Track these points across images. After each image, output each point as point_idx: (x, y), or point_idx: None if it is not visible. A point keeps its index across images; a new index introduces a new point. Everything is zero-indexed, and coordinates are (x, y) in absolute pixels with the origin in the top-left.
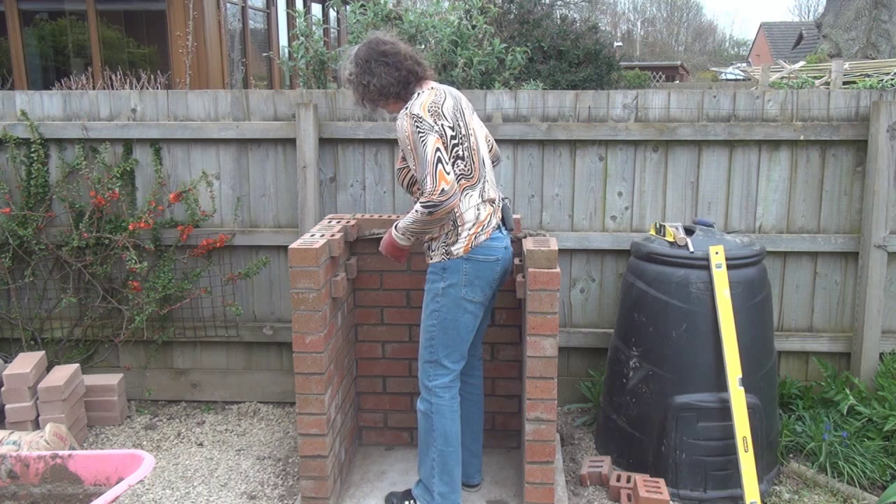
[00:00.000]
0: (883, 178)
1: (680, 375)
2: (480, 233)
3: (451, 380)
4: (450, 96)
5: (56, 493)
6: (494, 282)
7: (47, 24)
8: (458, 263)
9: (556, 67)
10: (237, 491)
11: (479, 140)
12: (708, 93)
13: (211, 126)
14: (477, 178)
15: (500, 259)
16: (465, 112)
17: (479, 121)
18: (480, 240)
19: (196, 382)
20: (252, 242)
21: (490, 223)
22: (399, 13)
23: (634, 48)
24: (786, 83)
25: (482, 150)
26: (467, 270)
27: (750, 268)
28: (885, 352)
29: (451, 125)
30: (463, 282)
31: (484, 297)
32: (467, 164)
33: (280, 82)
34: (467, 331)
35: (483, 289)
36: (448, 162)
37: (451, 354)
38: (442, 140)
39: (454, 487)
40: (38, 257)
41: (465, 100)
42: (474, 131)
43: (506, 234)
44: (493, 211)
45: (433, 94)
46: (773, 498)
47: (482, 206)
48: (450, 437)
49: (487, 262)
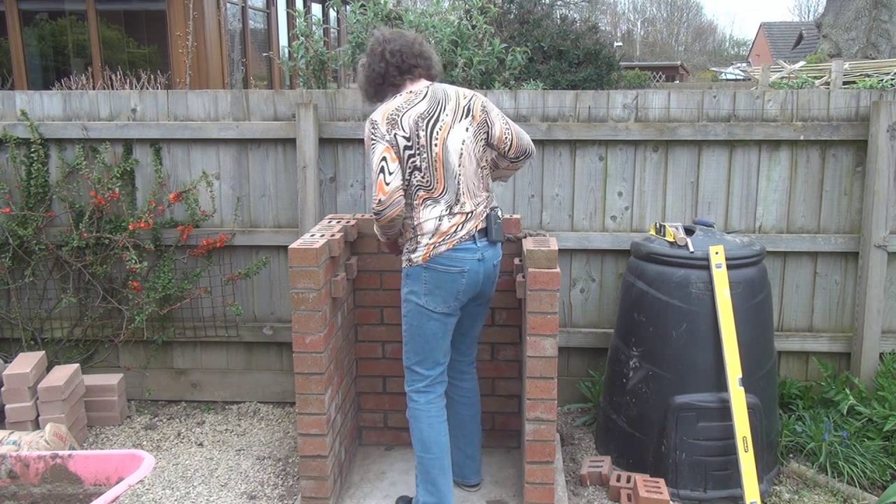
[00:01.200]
0: (883, 178)
1: (680, 375)
2: (441, 243)
3: (425, 385)
4: (425, 103)
5: (56, 493)
6: (461, 293)
7: (47, 24)
8: (419, 271)
9: (556, 67)
10: (237, 491)
11: (448, 151)
12: (708, 93)
13: (211, 126)
14: (441, 190)
15: (465, 271)
16: (437, 120)
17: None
18: (440, 250)
19: (196, 382)
20: (252, 242)
21: (456, 234)
22: (399, 13)
23: (634, 48)
24: (786, 83)
25: (452, 161)
26: (427, 279)
27: (750, 268)
28: (885, 352)
29: (407, 135)
30: (423, 290)
31: (448, 307)
32: (425, 176)
33: (280, 82)
34: (435, 338)
35: (446, 299)
36: (391, 172)
37: (422, 361)
38: (393, 149)
39: (439, 498)
40: (38, 257)
41: (455, 103)
42: (442, 142)
43: (483, 244)
44: (461, 222)
45: (402, 100)
46: (773, 498)
47: (446, 218)
48: (427, 444)
49: (449, 273)
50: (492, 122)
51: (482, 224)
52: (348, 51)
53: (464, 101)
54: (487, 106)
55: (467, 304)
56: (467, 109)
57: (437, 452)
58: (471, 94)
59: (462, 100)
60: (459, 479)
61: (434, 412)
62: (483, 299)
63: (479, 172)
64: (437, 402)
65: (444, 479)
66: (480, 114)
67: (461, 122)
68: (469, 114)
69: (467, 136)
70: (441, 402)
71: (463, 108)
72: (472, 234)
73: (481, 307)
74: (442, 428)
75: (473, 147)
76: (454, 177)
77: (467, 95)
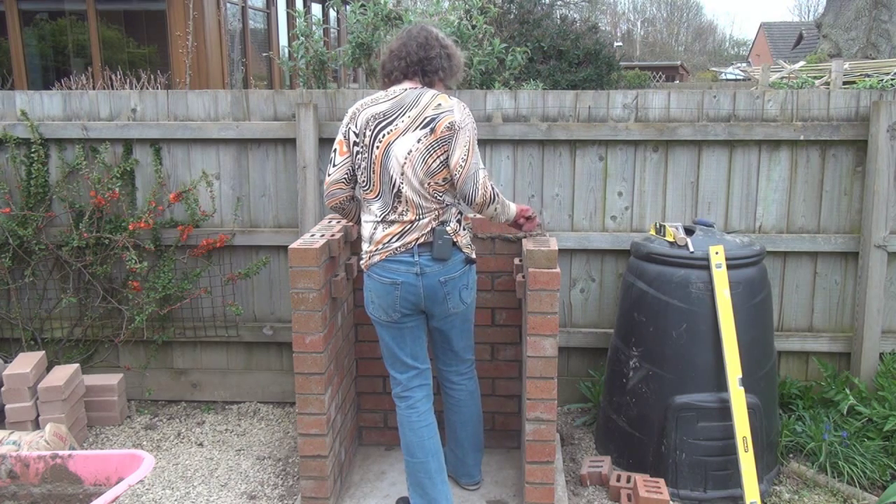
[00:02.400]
0: (883, 178)
1: (680, 375)
2: (376, 252)
3: (401, 390)
4: (387, 104)
5: (56, 493)
6: (398, 304)
7: (47, 24)
8: (365, 278)
9: (556, 67)
10: (237, 491)
11: (388, 157)
12: (708, 93)
13: (211, 126)
14: (376, 194)
15: (398, 283)
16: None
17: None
18: (375, 260)
19: (196, 382)
20: (252, 242)
21: (390, 244)
22: (399, 13)
23: (634, 48)
24: (786, 83)
25: (391, 167)
26: (369, 286)
27: (750, 268)
28: (885, 352)
29: (357, 132)
30: (368, 298)
31: (388, 317)
32: (364, 176)
33: (280, 82)
34: (394, 343)
35: (385, 309)
36: (335, 165)
37: (393, 364)
38: (345, 141)
39: (429, 500)
40: (38, 257)
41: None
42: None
43: (426, 259)
44: (398, 232)
45: (373, 97)
46: (773, 498)
47: (380, 226)
48: (410, 448)
49: (383, 285)
50: (452, 147)
51: (426, 238)
52: (348, 51)
53: (430, 113)
54: (461, 129)
55: (431, 320)
56: (429, 121)
57: (421, 457)
58: (448, 109)
59: (429, 111)
60: (455, 478)
61: (415, 417)
62: (442, 317)
63: (429, 186)
64: (417, 406)
65: (430, 483)
66: (445, 131)
67: (415, 131)
68: (428, 126)
69: (416, 147)
70: (422, 406)
71: (425, 118)
72: (410, 247)
73: (446, 325)
74: (425, 432)
75: (422, 159)
76: (391, 183)
77: (442, 110)
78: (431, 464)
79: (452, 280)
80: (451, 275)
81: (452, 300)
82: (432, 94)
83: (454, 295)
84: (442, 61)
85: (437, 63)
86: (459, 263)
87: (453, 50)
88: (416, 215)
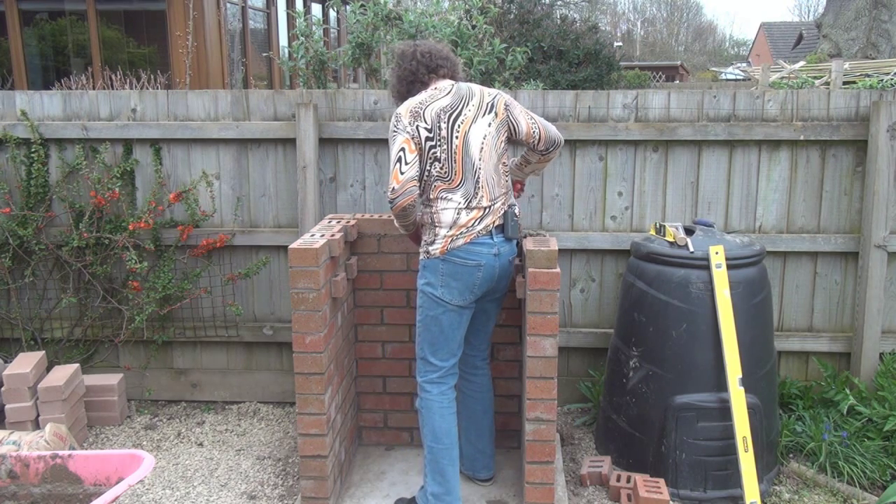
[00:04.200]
0: (883, 178)
1: (680, 375)
2: (459, 236)
3: (439, 376)
4: (448, 98)
5: (56, 493)
6: (476, 286)
7: (47, 24)
8: (436, 263)
9: (556, 67)
10: (237, 491)
11: (469, 144)
12: (708, 93)
13: (211, 126)
14: (458, 182)
15: (482, 265)
16: (460, 114)
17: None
18: (458, 243)
19: (196, 382)
20: (252, 242)
21: (474, 228)
22: (399, 13)
23: (634, 48)
24: (786, 83)
25: (472, 154)
26: (444, 271)
27: (750, 268)
28: (885, 352)
29: (429, 127)
30: (440, 282)
31: (463, 300)
32: (444, 167)
33: (280, 82)
34: (451, 329)
35: (462, 292)
36: (408, 163)
37: (437, 352)
38: (414, 140)
39: (448, 489)
40: (38, 257)
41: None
42: (464, 135)
43: (500, 240)
44: (480, 216)
45: (427, 95)
46: (773, 498)
47: (464, 211)
48: (438, 434)
49: (466, 267)
50: (516, 119)
51: (500, 220)
52: (348, 51)
53: (488, 98)
54: (511, 104)
55: (481, 300)
56: (490, 106)
57: (448, 443)
58: (496, 92)
59: (486, 97)
60: (471, 472)
61: (446, 403)
62: (497, 295)
63: (499, 169)
64: (448, 393)
65: (452, 470)
66: (503, 111)
67: (484, 117)
68: (492, 110)
69: (489, 132)
70: (452, 394)
71: (487, 104)
72: (489, 229)
73: (495, 303)
74: (452, 419)
75: (494, 143)
76: (473, 170)
77: (492, 94)
78: (454, 451)
79: (514, 259)
80: (514, 254)
81: (510, 279)
82: (476, 85)
83: (511, 273)
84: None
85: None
86: (516, 245)
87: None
88: (491, 200)
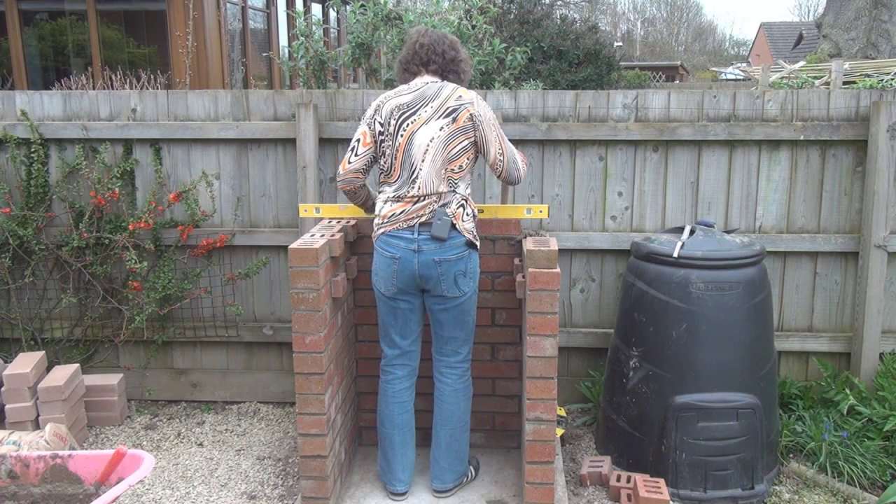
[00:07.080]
0: (883, 178)
1: (680, 375)
2: (381, 225)
3: (386, 362)
4: (410, 96)
5: (56, 493)
6: (395, 279)
7: (47, 24)
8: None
9: (556, 67)
10: (237, 491)
11: (412, 144)
12: (708, 93)
13: (211, 126)
14: (396, 177)
15: (397, 258)
16: (414, 114)
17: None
18: (379, 232)
19: (196, 382)
20: (252, 242)
21: (394, 219)
22: (399, 13)
23: (634, 48)
24: (786, 83)
25: (413, 154)
26: (374, 259)
27: (750, 268)
28: (885, 352)
29: (383, 122)
30: (374, 269)
31: (387, 290)
32: (387, 162)
33: (280, 82)
34: (386, 316)
35: (385, 281)
36: (357, 154)
37: (383, 337)
38: (370, 132)
39: (389, 469)
40: (38, 257)
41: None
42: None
43: (424, 238)
44: (402, 208)
45: (399, 88)
46: (773, 498)
47: (390, 202)
48: (381, 418)
49: (383, 257)
50: (485, 139)
51: (428, 217)
52: (348, 51)
53: (453, 104)
54: (482, 120)
55: (426, 300)
56: (450, 111)
57: (388, 428)
58: (469, 100)
59: (451, 101)
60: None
61: (390, 391)
62: (435, 295)
63: (444, 173)
64: (394, 383)
65: (392, 453)
66: (467, 121)
67: (437, 120)
68: (450, 115)
69: (438, 135)
70: (399, 384)
71: (447, 108)
72: (411, 223)
73: (440, 306)
74: (395, 408)
75: (443, 147)
76: (411, 169)
77: (462, 101)
78: (396, 437)
79: (448, 262)
80: (446, 256)
81: (447, 282)
82: (453, 87)
83: (448, 277)
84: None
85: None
86: (459, 247)
87: (465, 56)
88: (424, 196)
